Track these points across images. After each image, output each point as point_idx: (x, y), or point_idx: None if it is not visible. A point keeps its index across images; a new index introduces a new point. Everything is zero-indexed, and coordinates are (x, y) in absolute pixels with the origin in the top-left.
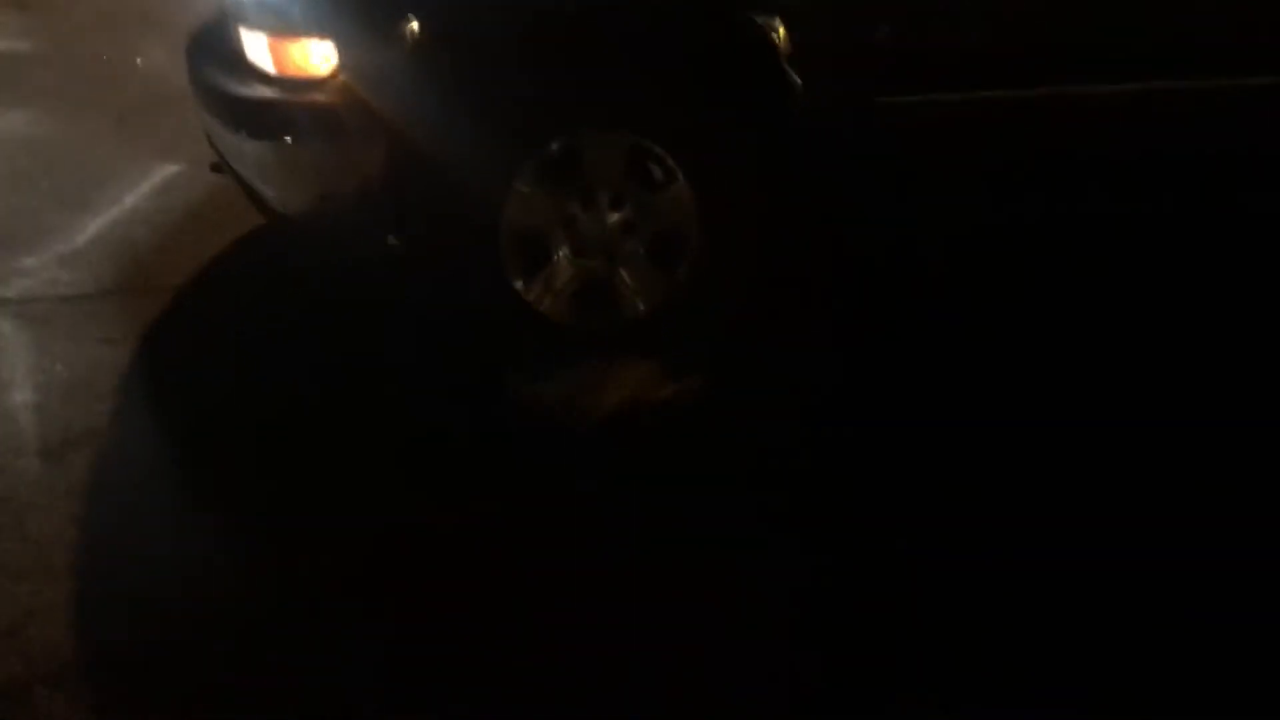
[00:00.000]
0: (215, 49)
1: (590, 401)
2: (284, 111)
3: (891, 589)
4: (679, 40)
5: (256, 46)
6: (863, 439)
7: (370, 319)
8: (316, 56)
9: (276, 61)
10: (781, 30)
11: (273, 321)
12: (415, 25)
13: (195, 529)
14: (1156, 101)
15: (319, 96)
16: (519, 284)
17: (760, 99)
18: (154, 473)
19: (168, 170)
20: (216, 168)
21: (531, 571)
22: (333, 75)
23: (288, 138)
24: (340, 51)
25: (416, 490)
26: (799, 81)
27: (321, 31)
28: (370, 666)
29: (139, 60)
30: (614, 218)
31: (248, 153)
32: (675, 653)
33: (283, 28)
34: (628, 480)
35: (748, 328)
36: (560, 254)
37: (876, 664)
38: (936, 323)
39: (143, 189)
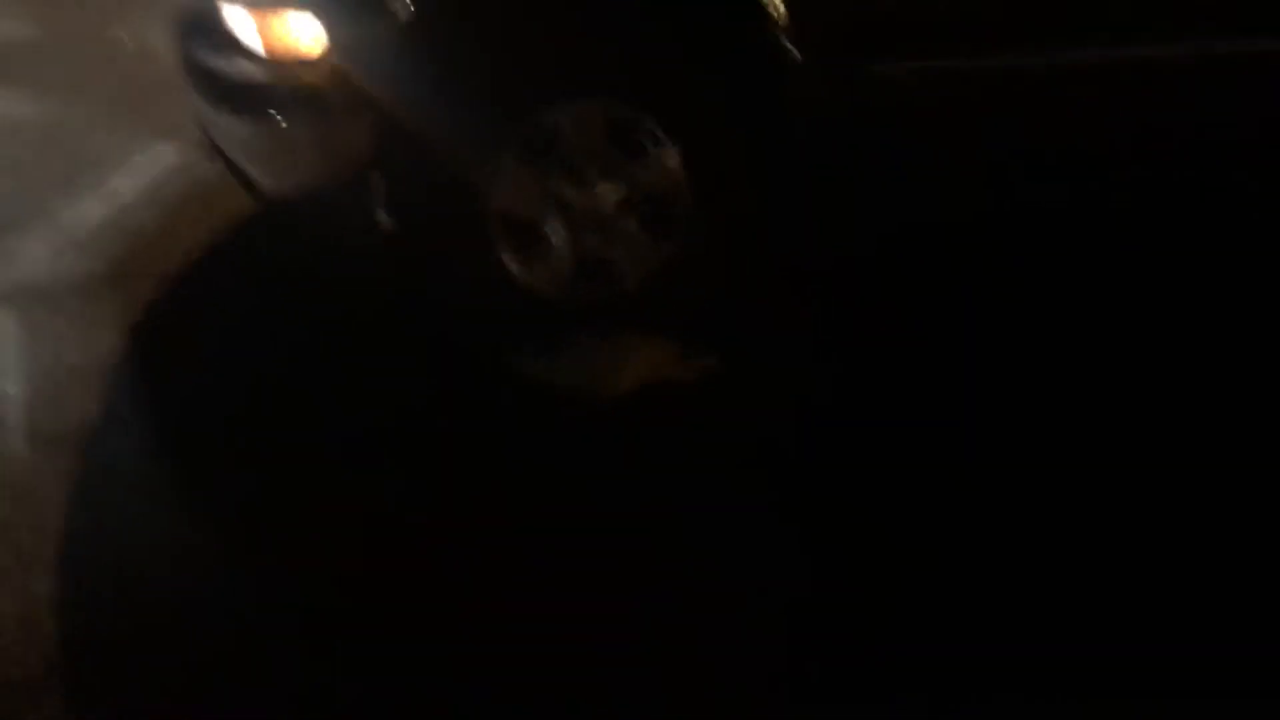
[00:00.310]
0: (204, 28)
1: (600, 382)
2: (272, 91)
3: (891, 585)
4: (667, 6)
5: (244, 24)
6: (862, 427)
7: (368, 303)
8: (305, 34)
9: (264, 40)
10: None
11: (268, 308)
12: (406, 2)
13: (203, 521)
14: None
15: (307, 75)
16: (512, 262)
17: (751, 66)
18: (160, 464)
19: (165, 152)
20: (209, 149)
21: (530, 564)
22: (321, 53)
23: (276, 118)
24: (329, 29)
25: (415, 480)
26: (793, 49)
27: (310, 8)
28: (367, 661)
29: (124, 37)
30: (604, 190)
31: (235, 134)
32: (675, 648)
33: (270, 5)
34: (632, 468)
35: (747, 303)
36: (553, 230)
37: (875, 660)
38: (935, 307)
39: (140, 172)
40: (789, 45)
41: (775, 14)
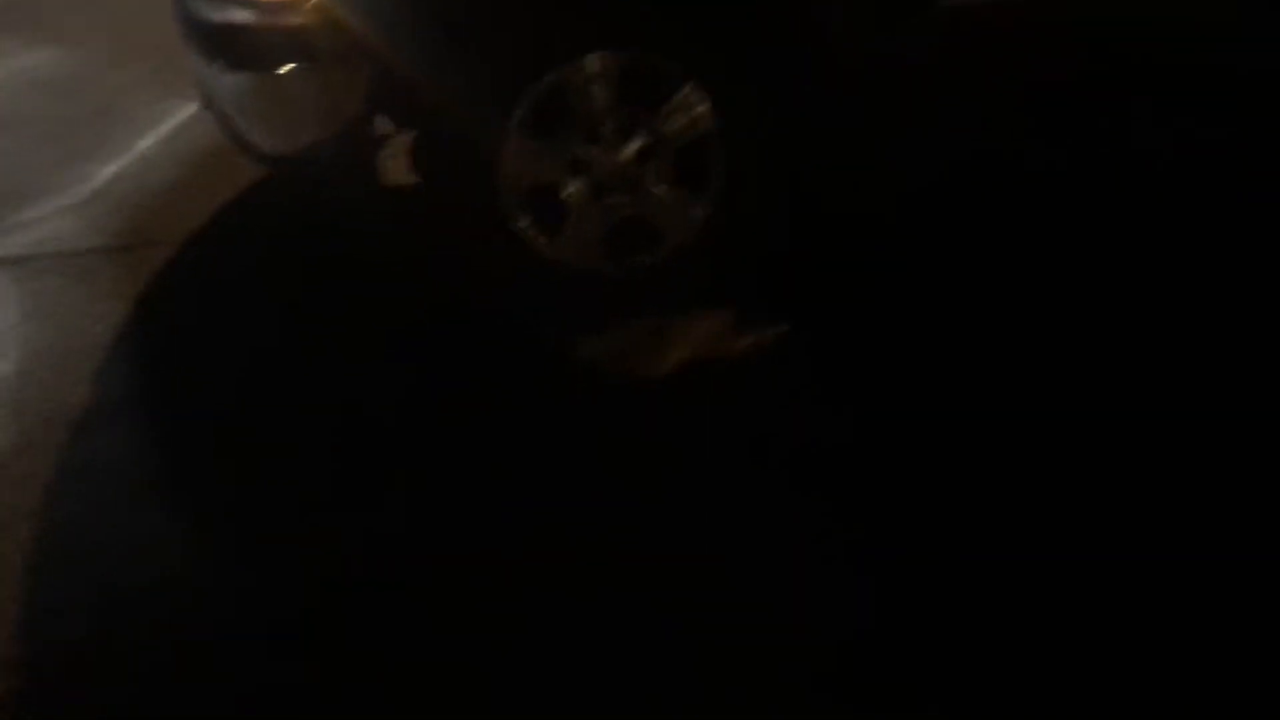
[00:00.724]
0: None
1: (647, 360)
2: (262, 37)
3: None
4: None
5: None
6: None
7: (385, 267)
8: None
9: None
10: None
11: (278, 283)
12: None
13: (191, 518)
14: None
15: (298, 19)
16: (530, 232)
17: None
18: (151, 456)
19: (186, 111)
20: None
21: (539, 563)
22: None
23: (268, 67)
24: None
25: (418, 477)
26: None
27: None
28: (365, 664)
29: None
30: (624, 147)
31: (229, 89)
32: (679, 646)
33: None
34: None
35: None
36: (573, 196)
37: (883, 664)
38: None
39: (160, 131)
40: None
41: None
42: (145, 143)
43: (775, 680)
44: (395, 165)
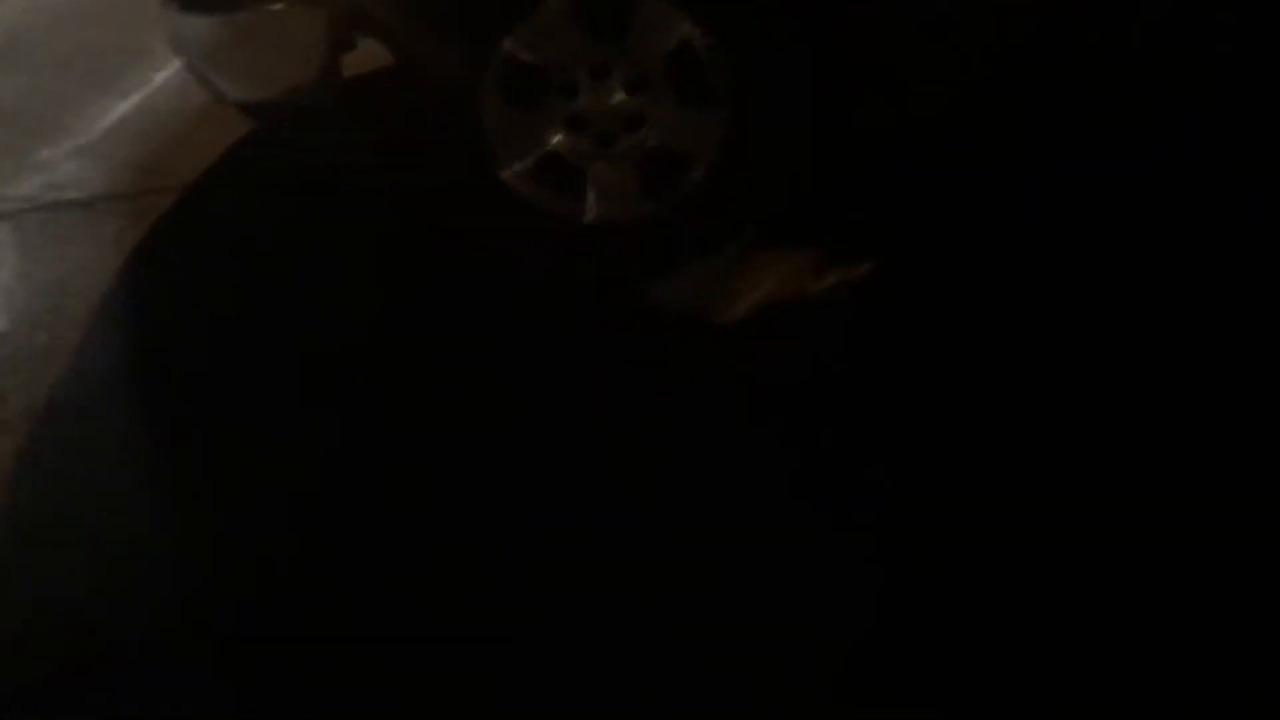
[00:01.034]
0: None
1: (720, 302)
2: None
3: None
4: None
5: None
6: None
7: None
8: None
9: None
10: None
11: (289, 236)
12: None
13: (204, 503)
14: None
15: None
16: (554, 205)
17: None
18: (128, 436)
19: None
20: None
21: (545, 564)
22: None
23: (223, 7)
24: None
25: (432, 472)
26: None
27: None
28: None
29: None
30: (615, 86)
31: (184, 28)
32: (680, 646)
33: None
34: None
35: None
36: (586, 155)
37: (883, 664)
38: None
39: (174, 66)
40: None
41: None
42: (164, 74)
43: (775, 680)
44: None
